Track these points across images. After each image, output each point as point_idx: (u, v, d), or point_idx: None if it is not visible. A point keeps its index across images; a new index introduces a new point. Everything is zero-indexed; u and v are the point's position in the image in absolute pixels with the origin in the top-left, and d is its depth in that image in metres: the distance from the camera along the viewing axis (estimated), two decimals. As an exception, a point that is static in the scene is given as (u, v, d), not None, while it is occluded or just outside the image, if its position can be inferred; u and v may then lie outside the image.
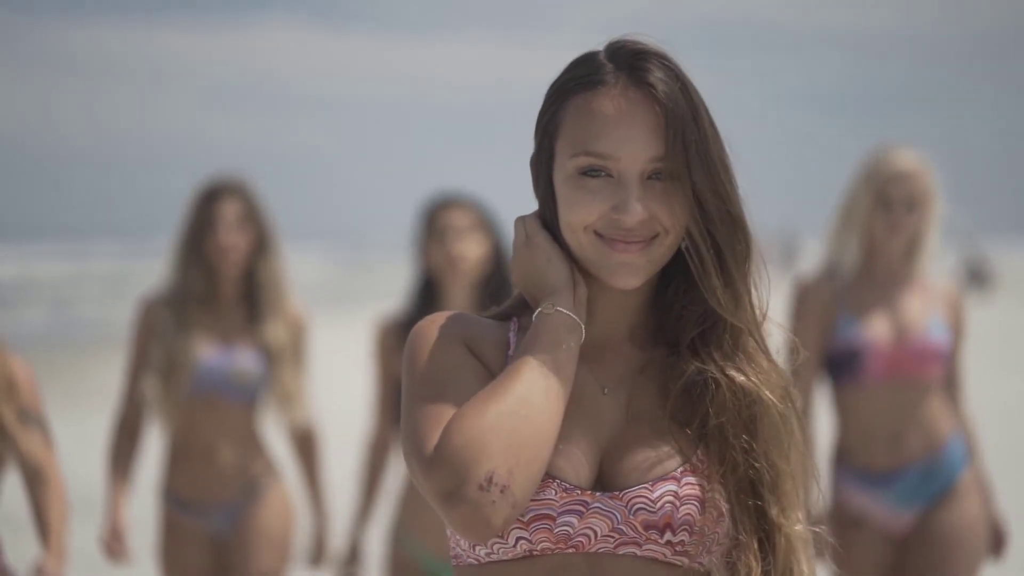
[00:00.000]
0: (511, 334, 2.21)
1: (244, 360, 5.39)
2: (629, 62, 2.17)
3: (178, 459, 5.39)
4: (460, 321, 2.20)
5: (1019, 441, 12.95)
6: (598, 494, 2.11)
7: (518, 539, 2.10)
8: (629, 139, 2.14)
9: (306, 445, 5.62)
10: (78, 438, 11.54)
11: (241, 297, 5.48)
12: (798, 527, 2.16)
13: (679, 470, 2.12)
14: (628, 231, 2.13)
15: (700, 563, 2.14)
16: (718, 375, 2.15)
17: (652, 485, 2.11)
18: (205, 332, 5.39)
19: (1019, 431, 13.62)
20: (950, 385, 5.15)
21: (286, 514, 5.45)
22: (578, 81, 2.18)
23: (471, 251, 5.14)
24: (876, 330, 5.02)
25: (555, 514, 2.10)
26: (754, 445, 2.15)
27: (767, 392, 2.17)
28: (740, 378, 2.16)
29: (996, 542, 5.13)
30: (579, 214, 2.14)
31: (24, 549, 5.37)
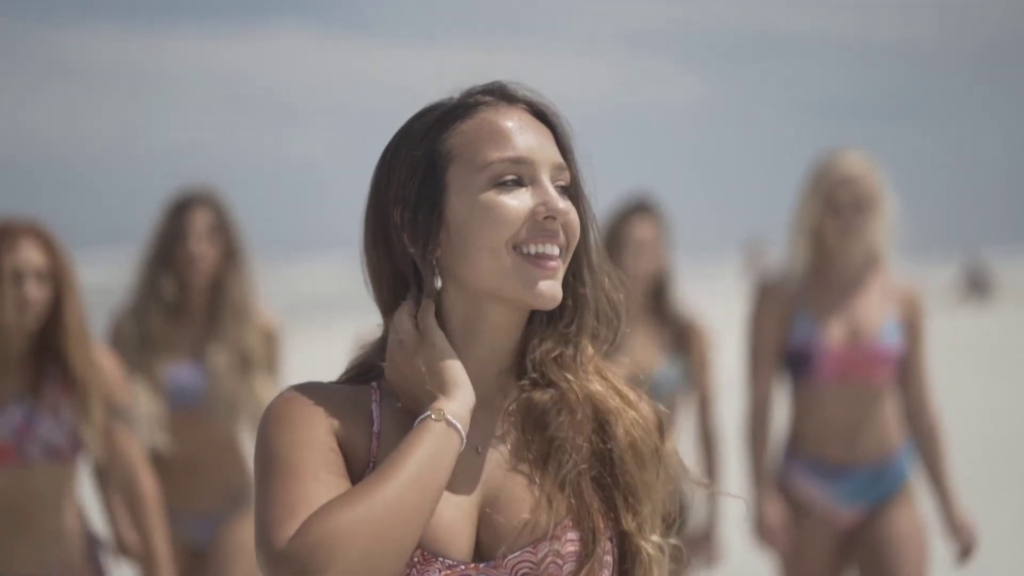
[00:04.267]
0: (373, 404, 2.08)
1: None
2: (493, 89, 2.12)
3: (159, 468, 5.17)
4: (316, 396, 2.04)
5: (1007, 441, 13.47)
6: (481, 566, 2.02)
7: None
8: (535, 143, 2.07)
9: None
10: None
11: (210, 308, 5.43)
12: (653, 541, 2.09)
13: (559, 526, 2.03)
14: (553, 233, 2.05)
15: None
16: (567, 391, 2.08)
17: (534, 548, 2.02)
18: (177, 348, 5.37)
19: (1006, 432, 14.17)
20: (911, 384, 5.18)
21: None
22: (453, 112, 2.09)
23: None
24: (829, 333, 5.08)
25: None
26: (606, 452, 2.08)
27: (615, 401, 2.11)
28: (597, 390, 2.10)
29: (963, 547, 5.11)
30: (503, 224, 2.03)
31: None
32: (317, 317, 33.37)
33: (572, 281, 2.10)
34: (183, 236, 5.42)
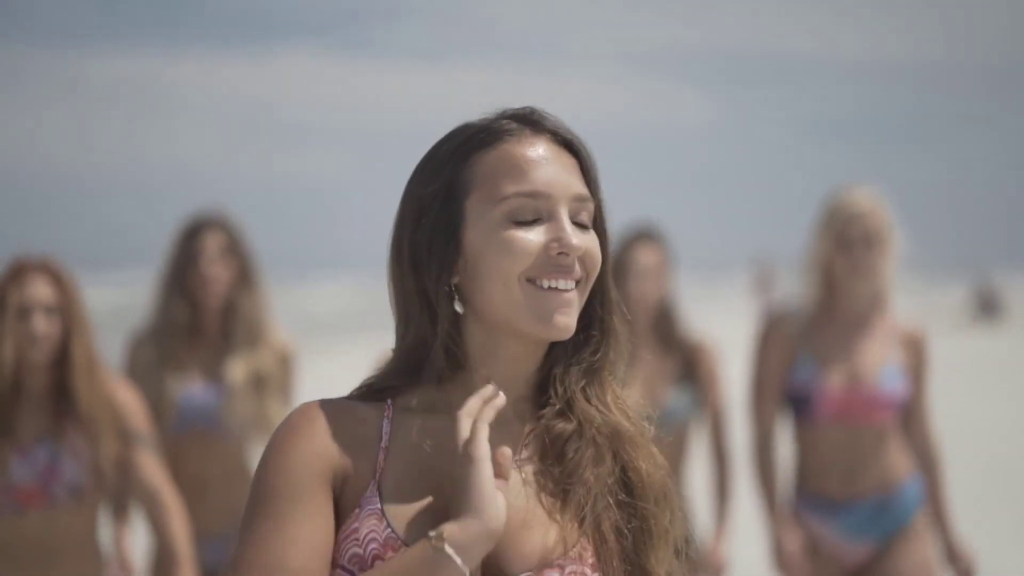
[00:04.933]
0: (385, 420, 2.05)
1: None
2: (523, 116, 2.10)
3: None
4: (325, 416, 2.02)
5: (1008, 460, 13.46)
6: None
7: None
8: (555, 176, 2.05)
9: None
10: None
11: (224, 330, 5.50)
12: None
13: (566, 556, 2.02)
14: (567, 268, 2.04)
15: None
16: (596, 424, 2.08)
17: (537, 573, 2.01)
18: (191, 368, 5.42)
19: (1007, 451, 14.17)
20: (915, 423, 5.25)
21: None
22: (477, 139, 2.08)
23: None
24: (829, 376, 5.13)
25: None
26: (628, 489, 2.08)
27: (643, 437, 2.11)
28: (623, 424, 2.10)
29: (963, 572, 5.20)
30: (517, 256, 2.01)
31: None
32: (324, 338, 33.45)
33: (599, 310, 2.11)
34: (196, 259, 5.48)
